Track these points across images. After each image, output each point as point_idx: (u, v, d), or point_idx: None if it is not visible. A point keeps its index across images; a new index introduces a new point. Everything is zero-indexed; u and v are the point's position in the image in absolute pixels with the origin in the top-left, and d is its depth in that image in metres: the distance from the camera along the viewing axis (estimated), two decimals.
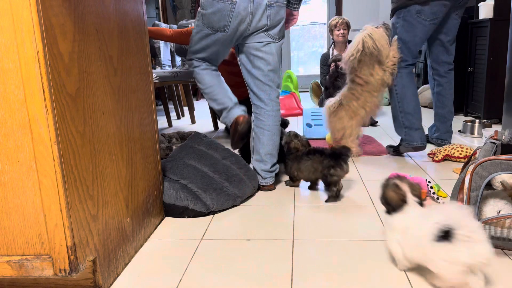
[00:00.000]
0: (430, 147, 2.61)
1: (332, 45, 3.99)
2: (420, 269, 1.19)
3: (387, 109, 4.17)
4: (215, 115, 3.39)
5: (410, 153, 2.47)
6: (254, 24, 1.85)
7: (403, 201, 1.19)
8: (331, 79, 3.57)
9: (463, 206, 1.27)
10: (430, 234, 1.07)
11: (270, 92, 1.93)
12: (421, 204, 1.20)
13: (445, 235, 1.04)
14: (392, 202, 1.21)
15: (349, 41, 3.92)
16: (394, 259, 1.25)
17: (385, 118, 3.69)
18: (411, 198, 1.19)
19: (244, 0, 1.79)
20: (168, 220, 1.66)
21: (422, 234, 1.10)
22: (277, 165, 2.02)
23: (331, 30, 3.86)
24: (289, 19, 2.06)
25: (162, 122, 3.98)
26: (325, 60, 4.00)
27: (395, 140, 2.84)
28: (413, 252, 1.14)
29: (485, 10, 3.25)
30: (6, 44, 0.92)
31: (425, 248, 1.09)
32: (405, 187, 1.20)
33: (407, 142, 2.38)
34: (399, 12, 2.30)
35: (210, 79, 2.03)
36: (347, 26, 3.79)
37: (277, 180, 2.07)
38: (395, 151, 2.51)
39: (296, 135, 1.98)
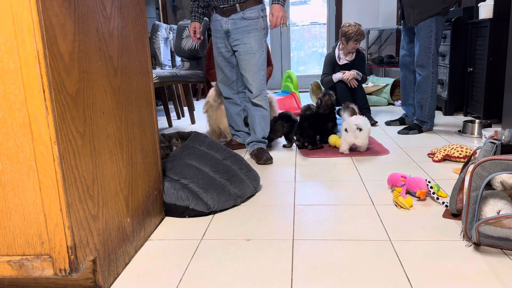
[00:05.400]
0: (429, 147, 2.62)
1: (338, 46, 3.79)
2: (419, 270, 1.20)
3: (386, 109, 4.18)
4: None
5: (409, 153, 2.49)
6: None
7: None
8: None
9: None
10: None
11: None
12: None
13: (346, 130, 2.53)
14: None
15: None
16: (394, 259, 1.26)
17: (385, 118, 3.69)
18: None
19: None
20: (168, 220, 1.66)
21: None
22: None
23: (346, 37, 3.54)
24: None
25: (162, 122, 3.99)
26: (330, 60, 3.82)
27: (395, 139, 2.86)
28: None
29: (485, 10, 3.25)
30: (6, 44, 0.92)
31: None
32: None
33: (430, 126, 3.08)
34: (437, 17, 2.81)
35: None
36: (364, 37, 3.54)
37: (277, 180, 2.09)
38: (420, 130, 3.06)
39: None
